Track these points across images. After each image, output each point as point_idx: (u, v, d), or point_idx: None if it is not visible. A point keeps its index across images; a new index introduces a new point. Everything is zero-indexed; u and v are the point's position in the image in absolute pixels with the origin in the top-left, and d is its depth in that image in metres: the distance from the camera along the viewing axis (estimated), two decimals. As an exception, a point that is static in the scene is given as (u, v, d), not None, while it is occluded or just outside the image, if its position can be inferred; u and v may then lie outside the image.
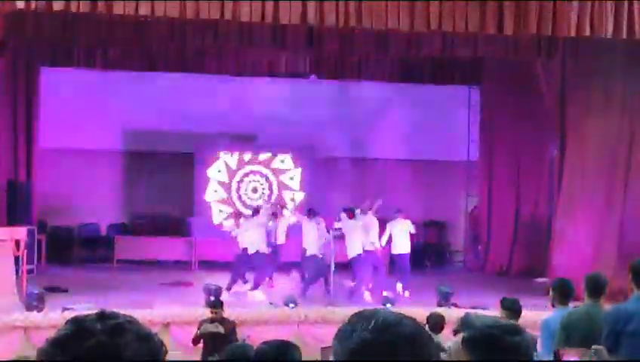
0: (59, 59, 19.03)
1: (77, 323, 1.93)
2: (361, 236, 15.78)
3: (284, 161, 21.44)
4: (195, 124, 21.16)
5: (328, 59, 20.01)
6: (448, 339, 8.60)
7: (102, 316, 1.95)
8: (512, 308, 8.76)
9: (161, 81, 20.53)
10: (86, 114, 20.41)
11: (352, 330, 2.06)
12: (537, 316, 11.42)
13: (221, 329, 10.77)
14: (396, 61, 20.25)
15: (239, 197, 21.15)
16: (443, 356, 2.66)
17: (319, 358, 10.20)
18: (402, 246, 16.43)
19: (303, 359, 6.02)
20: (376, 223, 16.14)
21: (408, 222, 16.58)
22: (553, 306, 8.12)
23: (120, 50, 18.91)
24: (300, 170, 21.39)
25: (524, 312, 8.84)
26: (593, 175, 16.33)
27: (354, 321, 2.09)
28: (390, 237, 16.40)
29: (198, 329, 11.05)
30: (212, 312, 11.19)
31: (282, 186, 21.43)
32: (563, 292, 8.09)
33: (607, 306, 7.21)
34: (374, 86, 21.38)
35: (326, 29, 15.45)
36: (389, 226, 16.40)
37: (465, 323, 2.67)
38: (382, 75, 20.75)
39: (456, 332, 2.73)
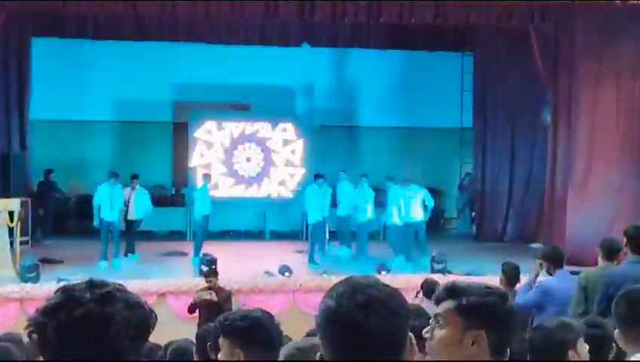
0: (50, 30, 18.94)
1: (66, 291, 1.94)
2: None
3: (276, 129, 21.23)
4: (188, 94, 21.09)
5: (321, 27, 19.92)
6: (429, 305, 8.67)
7: (91, 284, 1.95)
8: (511, 273, 8.89)
9: (153, 50, 20.42)
10: (79, 84, 20.33)
11: (323, 298, 2.10)
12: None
13: (214, 298, 10.86)
14: (389, 28, 20.17)
15: (232, 166, 20.97)
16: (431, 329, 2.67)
17: (314, 326, 10.23)
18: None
19: (298, 327, 6.03)
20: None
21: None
22: (550, 274, 8.26)
23: (111, 19, 18.82)
24: (290, 138, 21.18)
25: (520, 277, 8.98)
26: (586, 140, 16.35)
27: (329, 289, 2.12)
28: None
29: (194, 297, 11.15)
30: (207, 281, 11.27)
31: (276, 155, 21.25)
32: (555, 259, 8.22)
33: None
34: (367, 53, 21.28)
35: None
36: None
37: (456, 291, 2.66)
38: (375, 42, 20.67)
39: (440, 300, 2.72)
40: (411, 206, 16.15)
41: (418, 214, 16.22)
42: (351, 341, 2.02)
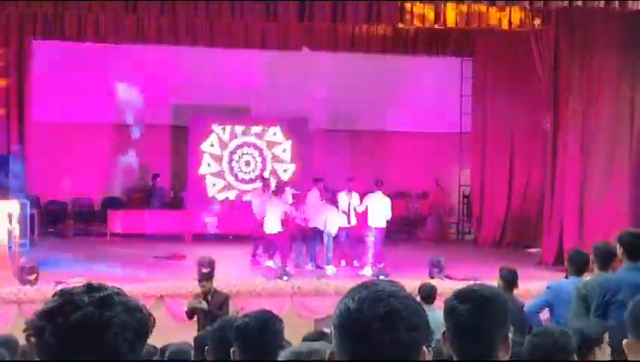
0: (50, 32, 18.93)
1: (64, 295, 1.93)
2: None
3: (276, 133, 21.36)
4: (188, 97, 21.08)
5: (320, 31, 19.92)
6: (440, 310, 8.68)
7: (90, 288, 1.95)
8: (507, 278, 8.90)
9: (153, 53, 20.42)
10: (78, 86, 20.32)
11: (344, 297, 2.08)
12: (530, 286, 11.63)
13: (204, 305, 10.66)
14: (389, 32, 20.18)
15: (231, 170, 21.07)
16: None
17: (312, 330, 10.23)
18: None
19: (296, 331, 6.03)
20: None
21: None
22: (566, 278, 8.30)
23: (111, 22, 18.83)
24: (290, 142, 21.29)
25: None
26: (585, 146, 16.36)
27: (351, 289, 2.10)
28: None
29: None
30: (200, 286, 11.12)
31: (275, 159, 21.35)
32: (579, 263, 8.15)
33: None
34: (366, 57, 21.26)
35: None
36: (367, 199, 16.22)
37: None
38: (374, 46, 20.66)
39: None
40: None
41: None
42: (363, 348, 2.01)
